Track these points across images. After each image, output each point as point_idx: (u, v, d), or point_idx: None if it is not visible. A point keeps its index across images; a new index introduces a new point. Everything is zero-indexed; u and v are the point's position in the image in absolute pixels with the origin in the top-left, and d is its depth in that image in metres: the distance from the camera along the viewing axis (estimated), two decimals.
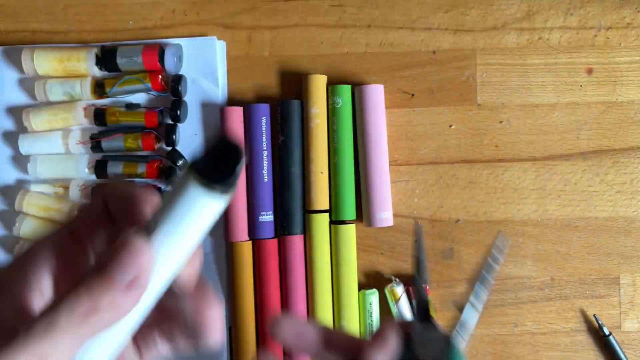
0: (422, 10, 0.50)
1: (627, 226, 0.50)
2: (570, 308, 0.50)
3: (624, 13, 0.50)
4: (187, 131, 0.49)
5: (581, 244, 0.50)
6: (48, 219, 0.48)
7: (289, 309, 0.48)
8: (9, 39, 0.50)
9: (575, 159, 0.50)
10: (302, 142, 0.49)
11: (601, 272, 0.50)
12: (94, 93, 0.48)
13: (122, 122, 0.48)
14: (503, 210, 0.50)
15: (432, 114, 0.50)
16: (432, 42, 0.50)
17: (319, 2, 0.50)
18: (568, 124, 0.50)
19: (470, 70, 0.50)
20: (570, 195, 0.50)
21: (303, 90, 0.49)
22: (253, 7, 0.50)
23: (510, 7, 0.50)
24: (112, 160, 0.48)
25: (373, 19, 0.50)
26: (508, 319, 0.49)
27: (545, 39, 0.50)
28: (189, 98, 0.49)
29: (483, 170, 0.50)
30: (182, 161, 0.48)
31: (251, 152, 0.48)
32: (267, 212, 0.48)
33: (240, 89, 0.50)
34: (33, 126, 0.47)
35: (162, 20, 0.50)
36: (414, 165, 0.50)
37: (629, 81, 0.50)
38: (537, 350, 0.49)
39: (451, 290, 0.49)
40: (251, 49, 0.50)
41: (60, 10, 0.50)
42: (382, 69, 0.50)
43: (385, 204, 0.48)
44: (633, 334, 0.50)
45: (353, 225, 0.48)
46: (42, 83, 0.47)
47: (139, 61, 0.47)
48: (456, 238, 0.50)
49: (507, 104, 0.50)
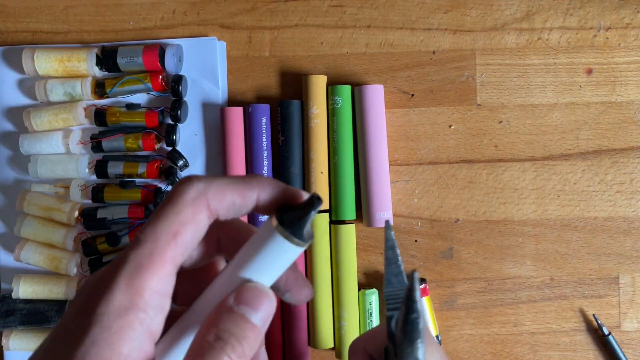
0: (422, 10, 0.50)
1: (626, 226, 0.50)
2: (569, 308, 0.50)
3: (623, 13, 0.50)
4: (187, 131, 0.49)
5: (580, 243, 0.50)
6: (48, 219, 0.48)
7: (288, 308, 0.48)
8: (9, 39, 0.50)
9: (574, 159, 0.50)
10: (302, 142, 0.49)
11: (600, 272, 0.50)
12: (94, 93, 0.48)
13: (123, 122, 0.48)
14: (502, 210, 0.50)
15: (431, 114, 0.50)
16: (432, 43, 0.50)
17: (319, 2, 0.50)
18: (567, 124, 0.50)
19: (469, 70, 0.50)
20: (569, 195, 0.50)
21: (303, 90, 0.49)
22: (253, 7, 0.50)
23: (509, 7, 0.50)
24: (113, 161, 0.48)
25: (373, 19, 0.50)
26: (507, 318, 0.50)
27: (544, 39, 0.50)
28: (189, 98, 0.49)
29: (482, 170, 0.50)
30: (182, 161, 0.48)
31: (251, 152, 0.48)
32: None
33: (240, 89, 0.50)
34: (33, 126, 0.47)
35: (162, 21, 0.50)
36: (413, 165, 0.50)
37: (628, 81, 0.50)
38: (536, 350, 0.50)
39: (451, 290, 0.50)
40: (251, 49, 0.50)
41: (61, 10, 0.50)
42: (382, 69, 0.50)
43: (385, 204, 0.48)
44: (632, 333, 0.50)
45: (353, 225, 0.48)
46: (43, 83, 0.47)
47: (140, 61, 0.47)
48: (456, 238, 0.50)
49: (507, 104, 0.50)
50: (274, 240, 0.24)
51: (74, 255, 0.48)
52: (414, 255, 0.50)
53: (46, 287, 0.47)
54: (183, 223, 0.23)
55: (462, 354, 0.50)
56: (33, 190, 0.48)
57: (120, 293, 0.21)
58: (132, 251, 0.22)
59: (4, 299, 0.48)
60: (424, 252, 0.50)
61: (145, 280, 0.22)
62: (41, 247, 0.48)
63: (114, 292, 0.21)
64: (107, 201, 0.48)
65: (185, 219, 0.23)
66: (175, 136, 0.48)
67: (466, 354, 0.50)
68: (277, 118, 0.49)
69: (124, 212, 0.47)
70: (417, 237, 0.50)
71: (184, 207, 0.23)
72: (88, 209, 0.48)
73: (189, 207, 0.23)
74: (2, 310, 0.48)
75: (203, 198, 0.24)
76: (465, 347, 0.50)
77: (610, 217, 0.50)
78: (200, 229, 0.24)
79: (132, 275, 0.22)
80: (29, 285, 0.47)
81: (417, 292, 0.27)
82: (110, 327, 0.21)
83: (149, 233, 0.23)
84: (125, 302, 0.21)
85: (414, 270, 0.28)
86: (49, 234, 0.47)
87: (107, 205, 0.48)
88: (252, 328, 0.23)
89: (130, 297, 0.22)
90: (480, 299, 0.50)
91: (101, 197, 0.47)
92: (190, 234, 0.23)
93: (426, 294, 0.48)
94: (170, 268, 0.23)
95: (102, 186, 0.48)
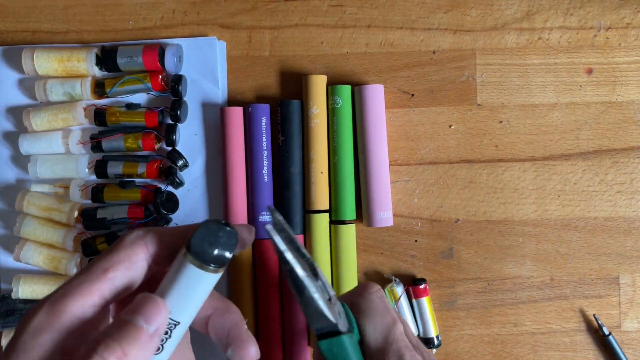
0: (422, 10, 0.50)
1: (626, 226, 0.50)
2: (569, 308, 0.50)
3: (623, 13, 0.50)
4: (187, 131, 0.49)
5: (581, 243, 0.50)
6: (48, 219, 0.48)
7: (288, 308, 0.48)
8: (9, 39, 0.50)
9: (575, 159, 0.50)
10: (302, 142, 0.49)
11: (601, 272, 0.50)
12: (94, 93, 0.48)
13: (122, 122, 0.48)
14: (503, 210, 0.50)
15: (432, 114, 0.50)
16: (432, 42, 0.50)
17: (319, 2, 0.50)
18: (568, 124, 0.50)
19: (470, 70, 0.50)
20: (570, 195, 0.50)
21: (303, 90, 0.49)
22: (253, 7, 0.50)
23: (510, 7, 0.50)
24: (112, 160, 0.48)
25: (373, 19, 0.50)
26: (507, 318, 0.50)
27: (545, 39, 0.50)
28: (189, 98, 0.49)
29: (483, 170, 0.50)
30: (182, 161, 0.48)
31: (251, 152, 0.48)
32: (267, 212, 0.48)
33: (240, 89, 0.50)
34: (33, 126, 0.47)
35: (162, 20, 0.50)
36: (413, 165, 0.50)
37: (629, 81, 0.50)
38: (536, 350, 0.49)
39: (451, 290, 0.50)
40: (251, 49, 0.50)
41: (61, 10, 0.50)
42: (382, 69, 0.50)
43: (385, 204, 0.48)
44: (632, 333, 0.50)
45: (353, 225, 0.48)
46: (42, 83, 0.47)
47: (139, 61, 0.47)
48: (456, 238, 0.50)
49: (507, 104, 0.50)
50: (183, 267, 0.27)
51: (74, 255, 0.48)
52: (414, 255, 0.50)
53: (46, 287, 0.47)
54: (115, 262, 0.27)
55: (462, 354, 0.50)
56: (33, 190, 0.48)
57: (40, 316, 0.25)
58: (66, 282, 0.26)
59: (4, 299, 0.48)
60: (424, 252, 0.50)
61: (66, 305, 0.25)
62: (41, 247, 0.47)
63: (36, 314, 0.25)
64: (107, 201, 0.48)
65: (118, 258, 0.27)
66: (175, 136, 0.48)
67: (466, 354, 0.50)
68: (277, 118, 0.48)
69: (123, 212, 0.47)
70: (417, 237, 0.50)
71: (120, 249, 0.27)
72: (88, 209, 0.48)
73: (124, 250, 0.27)
74: (2, 310, 0.48)
75: (140, 241, 0.27)
76: (465, 347, 0.50)
77: (611, 217, 0.50)
78: (136, 268, 0.27)
79: (55, 300, 0.25)
80: (29, 285, 0.47)
81: (279, 245, 0.29)
82: (25, 346, 0.24)
83: (86, 268, 0.26)
84: (42, 324, 0.25)
85: (270, 209, 0.31)
86: (48, 234, 0.47)
87: (107, 205, 0.48)
88: (135, 329, 0.25)
89: (48, 319, 0.25)
90: (480, 299, 0.50)
91: (101, 197, 0.47)
92: (121, 272, 0.26)
93: (426, 294, 0.48)
94: (95, 299, 0.26)
95: (101, 186, 0.48)
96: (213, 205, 0.49)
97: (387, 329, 0.33)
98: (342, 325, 0.31)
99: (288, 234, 0.31)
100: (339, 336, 0.31)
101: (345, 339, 0.31)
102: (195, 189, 0.49)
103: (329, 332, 0.31)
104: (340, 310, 0.32)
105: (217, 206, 0.49)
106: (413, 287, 0.48)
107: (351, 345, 0.31)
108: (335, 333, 0.31)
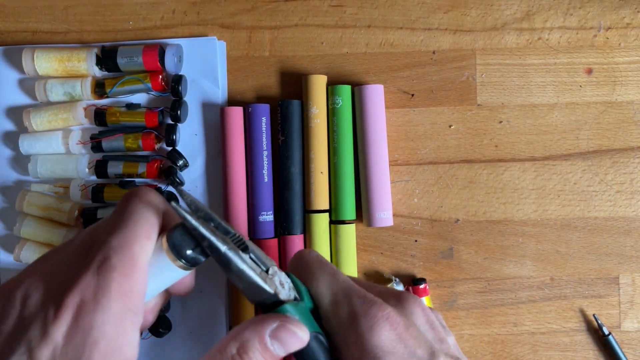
0: (422, 10, 0.50)
1: (626, 226, 0.50)
2: (569, 308, 0.50)
3: (623, 13, 0.50)
4: (187, 131, 0.49)
5: (581, 243, 0.50)
6: (48, 219, 0.48)
7: None
8: (9, 39, 0.50)
9: (574, 159, 0.50)
10: (302, 142, 0.49)
11: (601, 272, 0.50)
12: (94, 93, 0.48)
13: (123, 122, 0.48)
14: (503, 210, 0.50)
15: (432, 114, 0.50)
16: (432, 42, 0.50)
17: (319, 2, 0.50)
18: (567, 124, 0.50)
19: (469, 70, 0.50)
20: (569, 195, 0.50)
21: (303, 90, 0.49)
22: (253, 7, 0.50)
23: (509, 7, 0.50)
24: (113, 160, 0.48)
25: (373, 19, 0.50)
26: (507, 318, 0.50)
27: (544, 39, 0.50)
28: (189, 98, 0.49)
29: (483, 170, 0.50)
30: (182, 161, 0.48)
31: (251, 152, 0.48)
32: (267, 212, 0.48)
33: (240, 89, 0.50)
34: (33, 126, 0.47)
35: (162, 21, 0.50)
36: (413, 165, 0.50)
37: (629, 81, 0.50)
38: (536, 350, 0.50)
39: (451, 290, 0.50)
40: (251, 49, 0.50)
41: (61, 10, 0.50)
42: (382, 69, 0.50)
43: (385, 204, 0.48)
44: (632, 333, 0.50)
45: (353, 225, 0.48)
46: (43, 83, 0.47)
47: (139, 61, 0.47)
48: (456, 238, 0.50)
49: (507, 104, 0.50)
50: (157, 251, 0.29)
51: None
52: (414, 255, 0.50)
53: None
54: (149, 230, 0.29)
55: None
56: (33, 190, 0.48)
57: (114, 301, 0.26)
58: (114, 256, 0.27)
59: None
60: (424, 252, 0.50)
61: (134, 283, 0.26)
62: (41, 247, 0.47)
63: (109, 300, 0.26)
64: (107, 201, 0.48)
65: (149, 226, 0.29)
66: (175, 136, 0.48)
67: (466, 354, 0.50)
68: (277, 118, 0.48)
69: None
70: (417, 237, 0.50)
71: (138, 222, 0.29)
72: (88, 209, 0.48)
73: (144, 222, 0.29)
74: None
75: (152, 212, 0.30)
76: (465, 347, 0.50)
77: (611, 217, 0.50)
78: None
79: (120, 281, 0.26)
80: None
81: (191, 221, 0.29)
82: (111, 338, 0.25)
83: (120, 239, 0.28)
84: (120, 308, 0.26)
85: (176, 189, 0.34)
86: (48, 234, 0.47)
87: (107, 206, 0.48)
88: None
89: (123, 302, 0.26)
90: (480, 299, 0.50)
91: (101, 197, 0.47)
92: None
93: (426, 294, 0.48)
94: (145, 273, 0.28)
95: (102, 186, 0.48)
96: (213, 205, 0.49)
97: (328, 281, 0.31)
98: (285, 294, 0.30)
99: (206, 212, 0.30)
100: (282, 306, 0.29)
101: (288, 307, 0.29)
102: (195, 189, 0.49)
103: (272, 303, 0.30)
104: (285, 281, 0.31)
105: (217, 206, 0.49)
106: (413, 287, 0.48)
107: (298, 313, 0.30)
108: (277, 303, 0.29)
